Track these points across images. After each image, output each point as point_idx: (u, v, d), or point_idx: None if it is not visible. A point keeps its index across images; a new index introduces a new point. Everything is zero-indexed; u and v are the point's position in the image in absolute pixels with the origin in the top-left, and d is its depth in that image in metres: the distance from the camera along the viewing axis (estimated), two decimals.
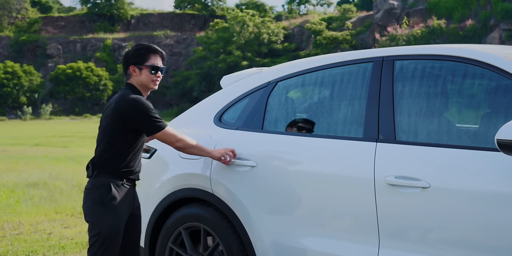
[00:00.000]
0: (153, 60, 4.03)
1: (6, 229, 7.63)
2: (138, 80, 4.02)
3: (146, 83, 4.02)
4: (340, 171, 3.55)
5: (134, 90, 4.00)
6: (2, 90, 57.06)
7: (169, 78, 63.77)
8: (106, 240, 3.85)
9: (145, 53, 4.02)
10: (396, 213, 3.30)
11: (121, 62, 4.07)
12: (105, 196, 3.86)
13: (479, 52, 3.33)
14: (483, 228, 3.02)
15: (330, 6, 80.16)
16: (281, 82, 4.27)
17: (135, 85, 4.03)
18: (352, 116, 3.79)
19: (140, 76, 4.00)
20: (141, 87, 4.04)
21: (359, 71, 3.84)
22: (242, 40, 57.10)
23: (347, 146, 3.59)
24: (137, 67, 4.00)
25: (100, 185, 3.90)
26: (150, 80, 4.02)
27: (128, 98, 3.89)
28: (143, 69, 4.00)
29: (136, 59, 4.01)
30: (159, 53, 4.07)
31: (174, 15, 74.01)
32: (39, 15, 71.66)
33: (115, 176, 3.92)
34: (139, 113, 3.86)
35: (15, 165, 15.45)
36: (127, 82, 4.06)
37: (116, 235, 3.89)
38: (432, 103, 3.50)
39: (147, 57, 4.01)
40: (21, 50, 65.09)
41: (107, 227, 3.85)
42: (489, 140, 3.10)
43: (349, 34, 50.68)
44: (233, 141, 4.18)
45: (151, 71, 4.00)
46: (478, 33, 38.63)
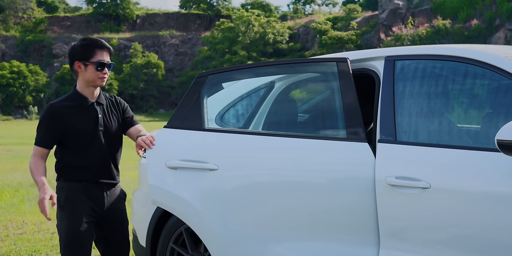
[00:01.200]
0: (100, 56, 3.88)
1: (9, 228, 7.64)
2: (83, 77, 3.91)
3: (93, 80, 3.90)
4: (341, 171, 3.54)
5: (71, 93, 3.97)
6: (8, 90, 57.16)
7: (174, 78, 63.81)
8: (67, 243, 3.87)
9: (91, 48, 3.87)
10: (396, 213, 3.29)
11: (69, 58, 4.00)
12: (60, 200, 3.90)
13: (480, 52, 3.32)
14: (483, 229, 3.01)
15: (335, 6, 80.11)
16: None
17: (78, 85, 3.95)
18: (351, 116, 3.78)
19: (85, 73, 3.88)
20: (87, 84, 3.92)
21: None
22: (248, 40, 57.10)
23: (348, 147, 3.58)
24: (82, 63, 3.86)
25: (58, 189, 3.97)
26: (97, 77, 3.90)
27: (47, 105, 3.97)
28: (88, 66, 3.86)
29: (81, 54, 3.87)
30: (106, 48, 3.92)
31: (179, 15, 74.01)
32: (45, 15, 71.76)
33: (70, 179, 3.94)
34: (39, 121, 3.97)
35: (20, 165, 15.49)
36: (75, 84, 4.01)
37: (76, 237, 3.86)
38: (433, 104, 3.49)
39: (93, 53, 3.86)
40: (27, 50, 65.19)
41: (65, 230, 3.88)
42: (490, 140, 3.09)
43: (354, 34, 50.62)
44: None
45: (97, 67, 3.86)
46: (484, 33, 38.53)
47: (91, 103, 3.96)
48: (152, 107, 61.05)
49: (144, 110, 59.88)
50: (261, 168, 3.86)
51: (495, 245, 2.97)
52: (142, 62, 61.13)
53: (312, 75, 4.41)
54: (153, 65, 61.45)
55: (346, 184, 3.48)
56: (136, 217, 4.73)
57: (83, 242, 3.88)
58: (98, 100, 4.00)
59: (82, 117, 3.92)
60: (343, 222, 3.51)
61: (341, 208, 3.51)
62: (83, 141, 3.92)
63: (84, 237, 3.89)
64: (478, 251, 3.02)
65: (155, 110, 60.56)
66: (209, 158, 4.02)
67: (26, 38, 65.31)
